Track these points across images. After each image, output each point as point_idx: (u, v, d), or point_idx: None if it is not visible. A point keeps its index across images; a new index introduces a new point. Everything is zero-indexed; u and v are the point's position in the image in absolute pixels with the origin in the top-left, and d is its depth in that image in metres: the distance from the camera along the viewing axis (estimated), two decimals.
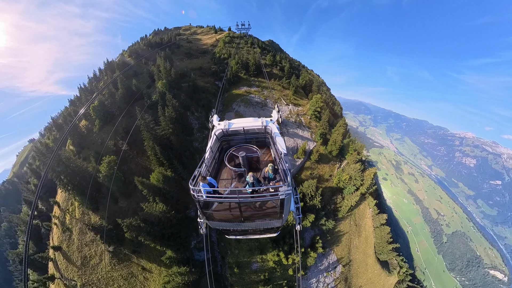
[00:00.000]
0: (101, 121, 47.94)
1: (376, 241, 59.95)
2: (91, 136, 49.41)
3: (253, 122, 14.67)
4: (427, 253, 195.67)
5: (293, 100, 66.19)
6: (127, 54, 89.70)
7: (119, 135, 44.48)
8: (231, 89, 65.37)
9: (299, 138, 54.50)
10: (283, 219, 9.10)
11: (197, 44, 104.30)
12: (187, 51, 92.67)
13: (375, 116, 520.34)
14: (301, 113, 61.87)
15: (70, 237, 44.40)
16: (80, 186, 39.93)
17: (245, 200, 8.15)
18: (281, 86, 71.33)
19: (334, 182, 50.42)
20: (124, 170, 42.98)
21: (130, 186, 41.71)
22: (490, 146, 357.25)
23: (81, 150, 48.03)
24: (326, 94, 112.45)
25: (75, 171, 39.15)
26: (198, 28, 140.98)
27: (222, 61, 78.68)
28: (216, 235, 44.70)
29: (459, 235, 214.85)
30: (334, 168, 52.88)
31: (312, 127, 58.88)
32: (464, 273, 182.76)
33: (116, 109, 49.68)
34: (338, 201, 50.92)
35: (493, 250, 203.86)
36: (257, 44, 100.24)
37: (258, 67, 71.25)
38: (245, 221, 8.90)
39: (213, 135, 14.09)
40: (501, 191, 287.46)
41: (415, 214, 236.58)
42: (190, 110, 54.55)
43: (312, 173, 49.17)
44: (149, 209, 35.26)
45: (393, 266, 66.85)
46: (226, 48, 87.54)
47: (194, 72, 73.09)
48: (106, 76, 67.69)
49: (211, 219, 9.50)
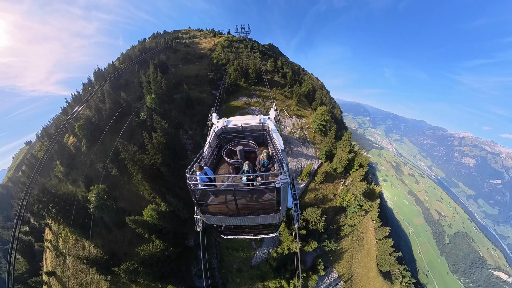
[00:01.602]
0: (89, 141, 44.28)
1: (379, 254, 57.03)
2: (79, 156, 45.96)
3: (251, 120, 14.82)
4: (429, 255, 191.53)
5: (296, 111, 61.26)
6: (119, 61, 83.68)
7: (108, 158, 41.30)
8: (229, 100, 60.52)
9: (303, 157, 50.07)
10: (280, 213, 8.62)
11: (195, 48, 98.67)
12: (183, 56, 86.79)
13: (373, 117, 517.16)
14: (305, 126, 57.19)
15: (65, 262, 41.33)
16: (70, 215, 35.84)
17: (240, 189, 8.10)
18: (283, 95, 66.22)
19: (338, 202, 47.06)
20: (115, 197, 39.38)
21: (123, 214, 37.99)
22: (488, 145, 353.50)
23: (70, 171, 44.67)
24: (326, 97, 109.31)
25: (63, 199, 35.59)
26: (197, 31, 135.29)
27: (220, 67, 73.13)
28: (216, 262, 41.46)
29: (461, 235, 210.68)
30: (338, 186, 49.24)
31: (316, 142, 54.47)
32: (467, 275, 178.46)
33: (105, 126, 45.24)
34: (341, 220, 47.66)
35: (496, 250, 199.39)
36: (257, 48, 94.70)
37: (258, 74, 66.09)
38: (241, 215, 8.46)
39: (212, 132, 14.27)
40: (502, 190, 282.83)
41: (416, 215, 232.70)
42: (183, 128, 49.68)
43: (316, 195, 45.57)
44: (145, 251, 31.95)
45: (396, 276, 63.79)
46: (225, 53, 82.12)
47: (190, 80, 67.64)
48: (96, 86, 62.43)
49: (206, 213, 8.99)
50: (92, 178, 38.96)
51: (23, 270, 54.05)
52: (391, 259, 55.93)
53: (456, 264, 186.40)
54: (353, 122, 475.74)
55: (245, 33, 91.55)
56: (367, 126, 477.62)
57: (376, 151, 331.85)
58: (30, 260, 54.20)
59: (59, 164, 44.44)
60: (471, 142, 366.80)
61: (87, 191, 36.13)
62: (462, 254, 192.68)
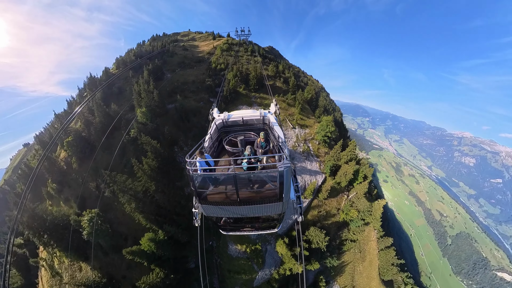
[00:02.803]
0: (79, 159, 41.46)
1: (381, 263, 55.29)
2: (71, 174, 43.05)
3: (252, 113, 14.84)
4: (432, 256, 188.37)
5: (299, 121, 57.66)
6: (114, 67, 78.51)
7: (101, 177, 37.74)
8: (228, 109, 56.31)
9: (307, 173, 47.21)
10: (283, 203, 8.10)
11: (194, 51, 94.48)
12: (181, 61, 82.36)
13: (373, 118, 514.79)
14: (308, 137, 54.01)
15: (61, 281, 38.21)
16: (63, 238, 33.62)
17: (241, 174, 7.71)
18: (285, 103, 61.90)
19: (341, 217, 44.65)
20: (110, 219, 36.63)
21: (119, 238, 35.84)
22: (488, 144, 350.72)
23: (62, 189, 41.98)
24: (326, 100, 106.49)
25: (54, 223, 33.31)
26: (197, 34, 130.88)
27: (219, 73, 69.17)
28: (218, 283, 38.96)
29: (463, 236, 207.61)
30: (342, 200, 46.65)
31: (320, 155, 51.42)
32: (471, 276, 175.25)
33: (95, 140, 42.57)
34: (344, 235, 45.49)
35: (499, 250, 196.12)
36: (257, 51, 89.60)
37: (259, 80, 62.29)
38: (242, 204, 7.93)
39: (213, 125, 14.23)
40: (502, 189, 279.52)
41: (417, 216, 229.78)
42: (178, 144, 45.27)
43: (319, 211, 43.12)
44: (146, 283, 29.77)
45: (398, 284, 61.43)
46: (224, 57, 78.06)
47: (186, 87, 63.66)
48: (88, 94, 57.45)
49: (205, 202, 8.35)
50: (85, 198, 36.62)
51: (19, 284, 52.20)
52: (394, 268, 53.87)
53: (459, 266, 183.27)
54: (352, 123, 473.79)
55: (245, 35, 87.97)
56: (366, 127, 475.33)
57: (376, 152, 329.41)
58: (25, 274, 52.24)
59: (50, 182, 42.05)
60: (471, 141, 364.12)
61: (80, 214, 33.61)
62: (464, 255, 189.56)
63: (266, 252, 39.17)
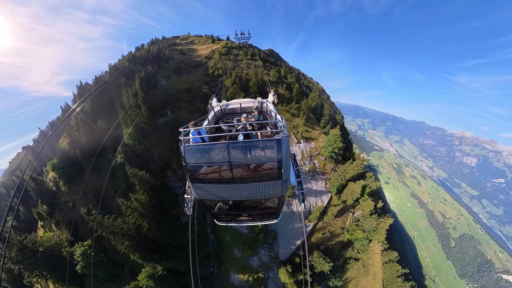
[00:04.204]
0: (67, 182, 38.22)
1: (385, 276, 52.82)
2: (60, 196, 39.98)
3: (250, 101, 14.86)
4: (435, 259, 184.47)
5: (304, 133, 53.47)
6: (107, 75, 73.06)
7: (91, 202, 35.17)
8: None
9: (313, 195, 43.85)
10: (282, 181, 7.16)
11: (191, 55, 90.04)
12: (177, 65, 77.62)
13: (373, 119, 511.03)
14: (314, 152, 50.19)
15: None
16: (57, 268, 30.73)
17: (235, 143, 7.30)
18: (289, 113, 56.78)
19: (345, 237, 42.03)
20: (105, 247, 33.93)
21: (116, 267, 33.40)
22: (489, 144, 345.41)
23: (53, 211, 39.23)
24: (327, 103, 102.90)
25: (46, 255, 30.34)
26: (196, 37, 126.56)
27: (216, 79, 64.11)
28: None
29: (467, 238, 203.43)
30: (347, 219, 43.81)
31: (326, 171, 47.83)
32: (476, 279, 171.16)
33: (82, 161, 38.66)
34: (348, 253, 42.84)
35: (504, 252, 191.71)
36: (258, 55, 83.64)
37: (260, 87, 57.71)
38: (237, 182, 7.09)
39: (211, 112, 14.00)
40: (505, 189, 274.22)
41: (420, 218, 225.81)
42: (170, 167, 40.30)
43: (323, 233, 40.64)
44: None
45: None
46: (222, 61, 73.47)
47: (181, 96, 58.68)
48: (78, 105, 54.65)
49: (198, 181, 7.54)
50: (78, 224, 33.76)
51: None
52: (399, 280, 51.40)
53: (463, 268, 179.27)
54: (352, 124, 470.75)
55: (245, 38, 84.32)
56: (366, 128, 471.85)
57: (376, 153, 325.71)
58: None
59: (40, 204, 39.43)
60: (472, 141, 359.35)
61: (74, 242, 31.16)
62: (469, 258, 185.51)
63: (268, 279, 37.23)
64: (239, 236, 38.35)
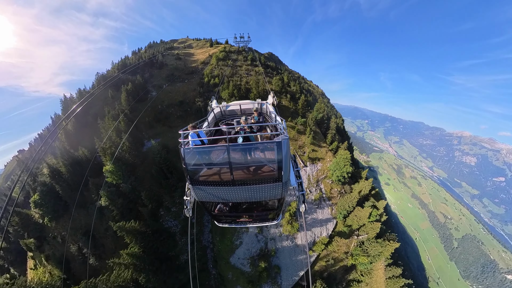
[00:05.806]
0: (53, 218, 35.20)
1: None
2: (48, 231, 37.20)
3: (250, 103, 14.69)
4: (438, 260, 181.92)
5: (310, 153, 49.27)
6: (96, 84, 65.89)
7: (81, 240, 32.38)
8: None
9: (318, 224, 41.90)
10: (283, 183, 7.06)
11: (187, 60, 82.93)
12: (170, 73, 70.88)
13: (372, 120, 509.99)
14: (321, 176, 47.14)
15: None
16: None
17: (235, 146, 7.11)
18: (295, 130, 51.76)
19: (349, 262, 40.62)
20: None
21: None
22: (488, 143, 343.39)
23: (41, 244, 36.30)
24: (327, 106, 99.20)
25: None
26: (194, 41, 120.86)
27: (212, 88, 58.23)
28: None
29: (469, 238, 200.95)
30: (351, 243, 42.26)
31: (333, 196, 45.21)
32: (480, 280, 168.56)
33: (66, 196, 34.93)
34: (351, 276, 41.46)
35: (507, 252, 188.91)
36: (259, 59, 76.95)
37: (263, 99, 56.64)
38: (237, 184, 7.05)
39: (211, 113, 13.66)
40: (506, 187, 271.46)
41: (421, 219, 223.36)
42: (162, 205, 36.06)
43: (327, 261, 39.30)
44: None
45: None
46: (219, 68, 67.61)
47: (172, 111, 52.22)
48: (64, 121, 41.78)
49: (197, 183, 7.46)
50: (69, 261, 31.89)
51: None
52: None
53: (467, 269, 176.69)
54: (352, 126, 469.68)
55: (244, 42, 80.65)
56: (365, 129, 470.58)
57: (376, 154, 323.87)
58: None
59: (27, 237, 36.88)
60: (470, 140, 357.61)
61: (66, 281, 29.37)
62: (472, 259, 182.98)
63: None
64: (242, 275, 37.06)
